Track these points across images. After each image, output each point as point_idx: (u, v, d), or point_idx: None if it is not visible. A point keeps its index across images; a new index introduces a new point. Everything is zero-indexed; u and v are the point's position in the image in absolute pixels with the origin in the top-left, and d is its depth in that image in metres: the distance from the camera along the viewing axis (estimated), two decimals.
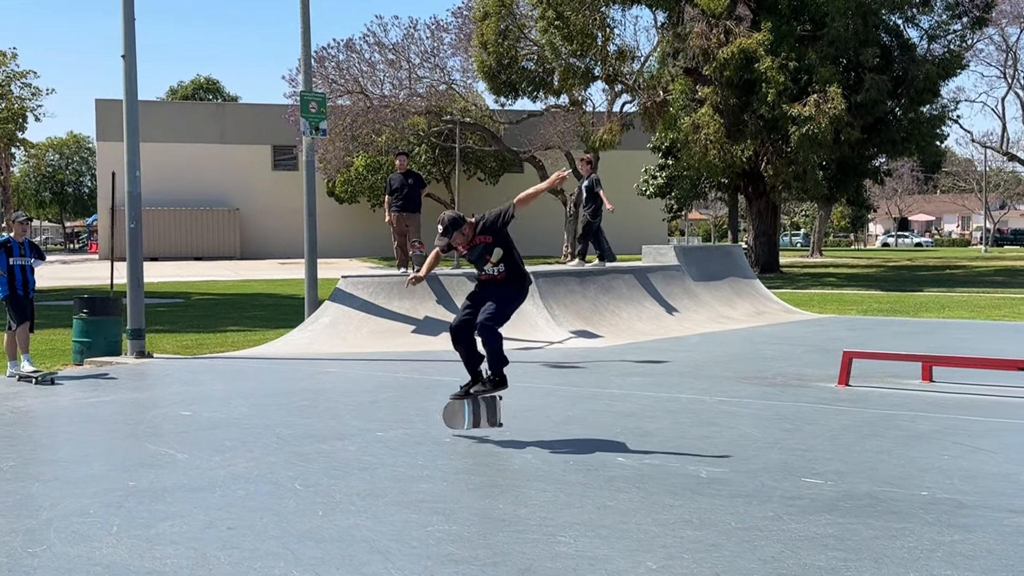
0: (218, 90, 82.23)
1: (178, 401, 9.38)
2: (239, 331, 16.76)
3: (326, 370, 11.71)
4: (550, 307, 14.66)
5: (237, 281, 34.21)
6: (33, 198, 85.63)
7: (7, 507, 5.59)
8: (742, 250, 22.04)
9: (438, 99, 40.55)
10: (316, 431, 7.79)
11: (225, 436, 7.59)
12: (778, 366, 11.41)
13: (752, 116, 31.19)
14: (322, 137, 15.39)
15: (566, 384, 10.34)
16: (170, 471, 6.43)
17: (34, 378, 10.68)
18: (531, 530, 5.11)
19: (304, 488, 5.99)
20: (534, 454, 6.88)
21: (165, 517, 5.36)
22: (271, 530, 5.13)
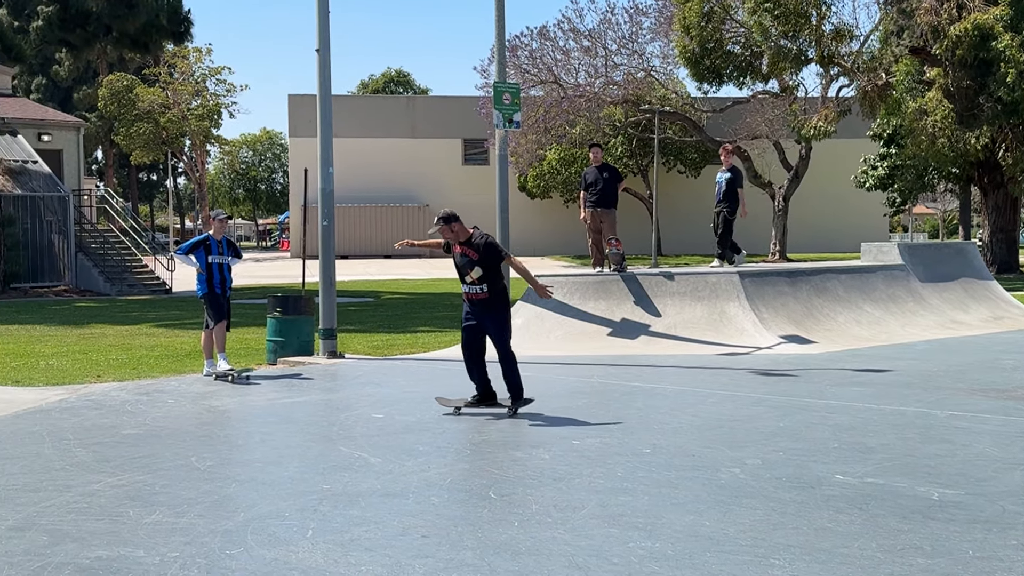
0: (408, 83, 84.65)
1: (370, 403, 9.70)
2: (429, 332, 17.19)
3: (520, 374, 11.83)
4: (757, 309, 14.37)
5: (427, 280, 35.11)
6: (227, 195, 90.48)
7: (206, 507, 5.91)
8: (977, 248, 20.97)
9: (636, 87, 40.42)
10: (509, 438, 7.90)
11: (417, 441, 7.80)
12: (1020, 378, 10.80)
13: (989, 99, 29.63)
14: (515, 130, 15.56)
15: (775, 393, 10.10)
16: (363, 475, 6.66)
17: (230, 376, 11.27)
18: (741, 551, 5.01)
19: (499, 497, 6.08)
20: (742, 468, 6.76)
21: (359, 522, 5.55)
22: (466, 540, 5.24)
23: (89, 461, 7.15)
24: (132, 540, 5.24)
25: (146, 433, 8.28)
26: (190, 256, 11.73)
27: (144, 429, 8.45)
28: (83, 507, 5.88)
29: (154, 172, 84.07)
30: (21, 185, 31.00)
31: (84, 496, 6.14)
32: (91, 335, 17.37)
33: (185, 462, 7.14)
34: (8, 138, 32.42)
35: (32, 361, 13.65)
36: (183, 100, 56.25)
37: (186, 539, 5.27)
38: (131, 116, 55.75)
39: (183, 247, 11.96)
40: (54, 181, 32.01)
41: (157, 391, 10.70)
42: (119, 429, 8.43)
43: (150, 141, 56.41)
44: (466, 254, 8.64)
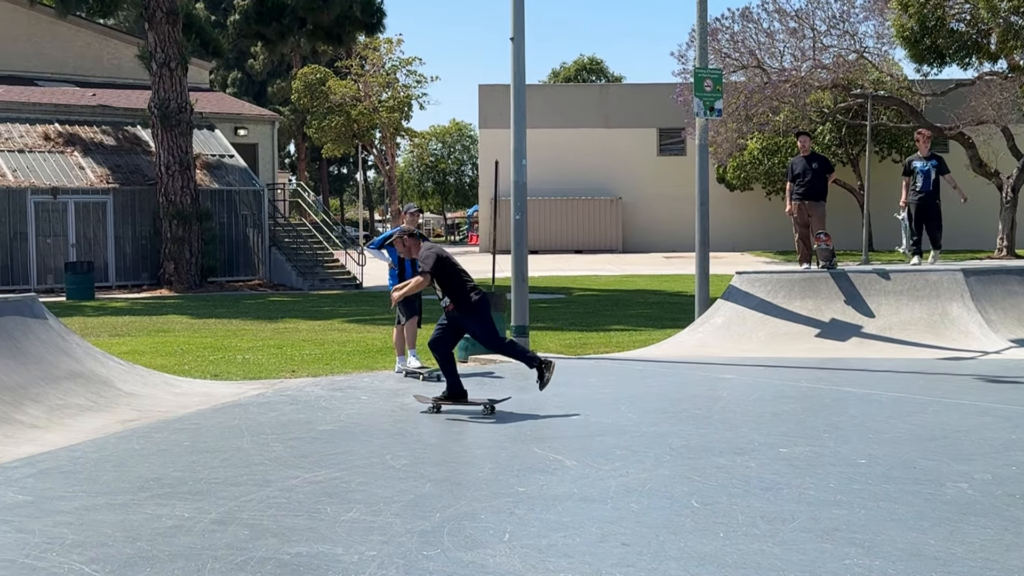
0: (602, 71, 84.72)
1: (564, 404, 9.76)
2: (624, 330, 17.17)
3: (720, 376, 11.71)
4: (984, 311, 13.74)
5: (620, 276, 35.07)
6: (416, 188, 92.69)
7: (402, 506, 6.08)
8: None
9: (846, 70, 39.21)
10: (711, 443, 7.81)
11: (615, 444, 7.80)
12: None
13: None
14: (716, 118, 15.36)
15: (1005, 402, 9.63)
16: (560, 478, 6.71)
17: (421, 374, 11.55)
18: (971, 572, 4.81)
19: (701, 506, 6.02)
20: (969, 483, 6.47)
21: (557, 527, 5.60)
22: (668, 549, 5.21)
23: (287, 456, 7.46)
24: (331, 537, 5.44)
25: (340, 430, 8.57)
26: (382, 251, 12.06)
27: (339, 425, 8.76)
28: (282, 502, 6.14)
29: (344, 165, 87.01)
30: (218, 179, 32.61)
31: (283, 491, 6.41)
32: (285, 329, 18.12)
33: (380, 460, 7.35)
34: (206, 132, 34.15)
35: (229, 355, 14.33)
36: (374, 92, 57.95)
37: (383, 538, 5.43)
38: (323, 109, 57.83)
39: (375, 242, 12.29)
40: (249, 175, 33.53)
41: (350, 387, 11.06)
42: (314, 425, 8.76)
43: (341, 134, 58.37)
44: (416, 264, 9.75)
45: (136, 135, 33.30)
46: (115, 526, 5.62)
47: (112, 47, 38.02)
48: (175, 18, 29.97)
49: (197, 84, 36.41)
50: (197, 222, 30.19)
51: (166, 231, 29.93)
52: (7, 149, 30.41)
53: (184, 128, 30.09)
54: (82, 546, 5.24)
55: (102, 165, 31.16)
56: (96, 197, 30.06)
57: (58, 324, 10.72)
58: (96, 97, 34.32)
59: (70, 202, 29.55)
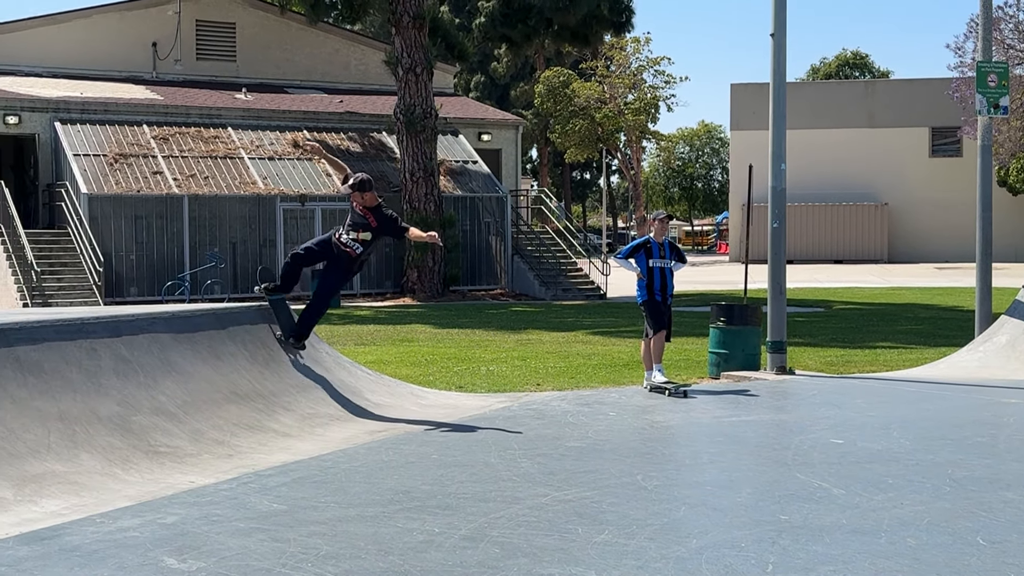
0: (866, 66, 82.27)
1: (827, 427, 9.50)
2: (891, 348, 16.59)
3: (1005, 400, 11.12)
4: None
5: (885, 288, 33.90)
6: (661, 194, 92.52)
7: (656, 530, 6.05)
8: None
9: None
10: (998, 475, 7.43)
11: (886, 472, 7.53)
12: None
13: None
14: (1001, 116, 14.62)
15: None
16: (826, 507, 6.52)
17: (667, 389, 11.49)
18: None
19: (988, 544, 5.73)
20: None
21: (825, 560, 5.44)
22: None
23: (535, 473, 7.56)
24: (583, 559, 5.47)
25: (589, 447, 8.63)
26: (630, 260, 12.07)
27: (587, 442, 8.81)
28: (532, 521, 6.23)
29: (587, 171, 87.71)
30: (461, 186, 33.51)
31: (532, 509, 6.50)
32: (528, 341, 18.41)
33: (631, 479, 7.35)
34: (450, 138, 35.16)
35: (473, 366, 14.68)
36: (619, 94, 58.20)
37: (637, 563, 5.42)
38: (567, 112, 58.52)
39: (623, 251, 12.32)
40: (492, 181, 34.29)
41: (597, 402, 11.12)
42: (562, 441, 8.85)
43: (585, 138, 58.89)
44: (366, 217, 10.13)
45: (381, 141, 34.62)
46: (367, 539, 5.84)
47: (359, 53, 39.68)
48: (421, 22, 30.99)
49: (441, 89, 37.56)
50: (441, 229, 31.09)
51: (409, 239, 30.95)
52: (258, 156, 32.23)
53: (429, 134, 31.06)
54: (336, 558, 5.47)
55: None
56: (342, 204, 31.34)
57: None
58: (343, 104, 35.89)
59: (317, 209, 31.01)
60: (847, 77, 77.35)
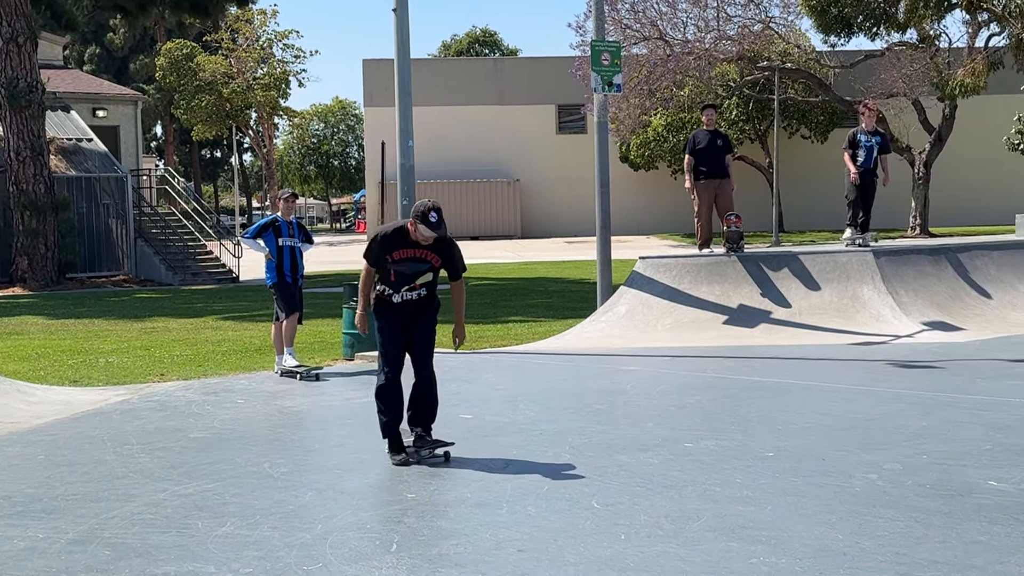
0: (496, 43, 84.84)
1: (457, 402, 9.77)
2: (522, 322, 17.26)
3: (623, 368, 11.85)
4: (895, 293, 14.14)
5: (518, 264, 35.24)
6: (297, 172, 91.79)
7: (281, 518, 6.03)
8: None
9: (752, 42, 39.88)
10: (614, 440, 7.90)
11: (511, 443, 7.84)
12: None
13: None
14: (616, 94, 15.49)
15: (917, 388, 9.93)
16: (452, 483, 6.73)
17: (298, 373, 11.46)
18: (880, 567, 4.96)
19: (602, 507, 6.09)
20: (879, 474, 6.67)
21: (448, 535, 5.62)
22: (567, 555, 5.26)
23: (154, 468, 7.35)
24: (202, 555, 5.37)
25: (214, 437, 8.47)
26: (258, 241, 11.92)
27: (212, 432, 8.65)
28: (148, 518, 6.05)
29: (217, 148, 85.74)
30: (75, 166, 31.88)
31: (149, 506, 6.31)
32: (153, 329, 17.81)
33: (257, 469, 7.29)
34: (60, 114, 33.34)
35: (91, 358, 14.05)
36: (248, 68, 57.18)
37: (260, 553, 5.38)
38: (192, 87, 56.86)
39: (250, 231, 12.17)
40: (110, 160, 32.84)
41: (225, 390, 10.93)
42: (185, 433, 8.64)
43: (213, 114, 57.47)
44: (426, 259, 7.42)
45: None
46: None
47: None
48: None
49: (49, 61, 35.53)
50: (53, 213, 29.48)
51: (17, 223, 29.17)
52: None
53: (35, 110, 29.32)
54: None
55: None
56: None
57: None
58: None
59: None
60: (478, 54, 79.55)
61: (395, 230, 7.49)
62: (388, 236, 7.45)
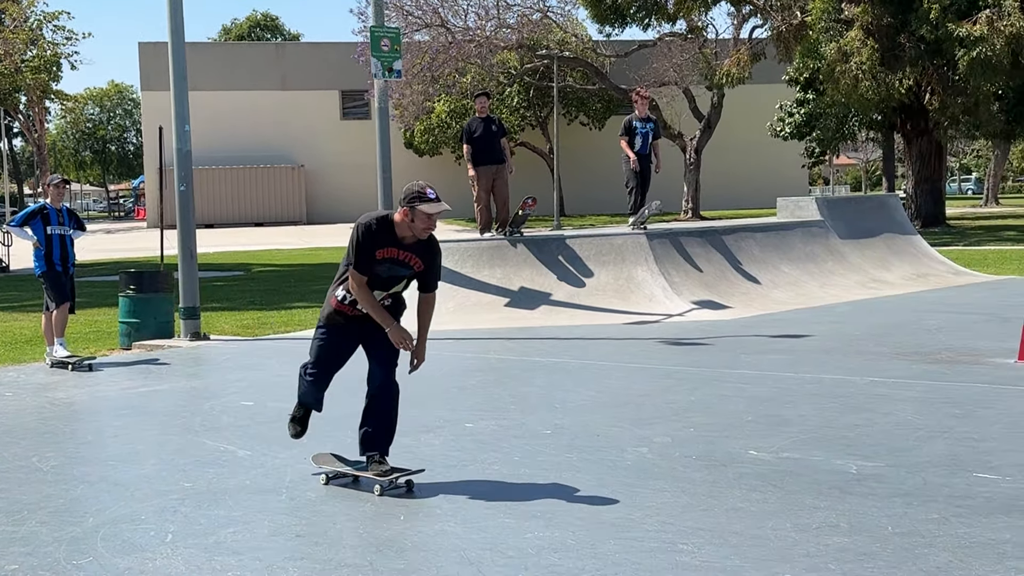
0: (277, 28, 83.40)
1: (239, 390, 9.60)
2: (308, 307, 17.06)
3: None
4: (667, 274, 14.59)
5: (304, 250, 34.80)
6: (72, 158, 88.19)
7: (49, 513, 5.80)
8: (900, 201, 21.57)
9: (531, 30, 40.46)
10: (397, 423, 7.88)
11: None
12: (945, 339, 11.19)
13: (911, 38, 30.39)
14: (397, 80, 15.46)
15: (687, 364, 10.29)
16: (231, 471, 6.60)
17: (70, 364, 11.04)
18: (647, 537, 5.11)
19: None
20: (649, 447, 6.88)
21: (226, 523, 5.51)
22: (346, 538, 5.24)
23: None
24: None
25: None
26: (25, 228, 11.44)
27: None
28: None
29: None
30: None
31: None
32: None
33: (25, 463, 6.99)
34: None
35: None
36: (15, 50, 54.47)
37: (26, 549, 5.17)
38: None
39: (16, 219, 11.68)
40: None
41: None
42: None
43: None
44: (409, 263, 6.10)
45: None
46: None
47: None
48: None
49: None
50: None
51: None
52: None
53: None
54: None
55: None
56: None
57: None
58: None
59: None
60: (259, 39, 78.02)
61: (380, 221, 6.01)
62: (374, 229, 5.97)
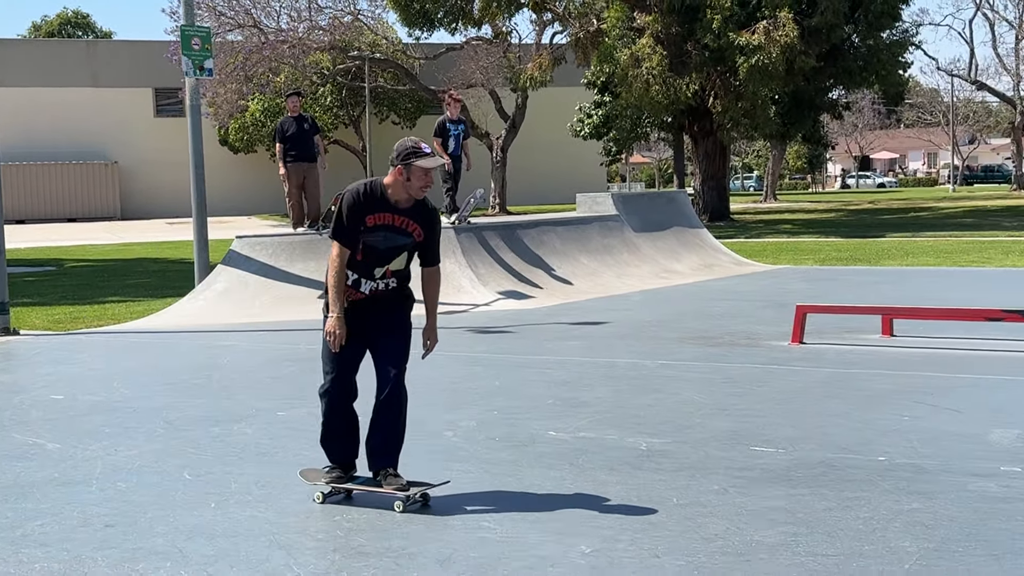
0: (89, 25, 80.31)
1: (49, 384, 9.22)
2: (120, 302, 16.51)
3: (220, 343, 11.59)
4: (474, 265, 14.67)
5: (117, 245, 33.65)
6: None
7: None
8: (688, 196, 22.25)
9: (343, 32, 40.09)
10: (209, 413, 7.72)
11: (104, 422, 7.48)
12: (727, 324, 11.58)
13: (696, 46, 31.35)
14: (209, 78, 15.10)
15: (493, 351, 10.38)
16: (39, 464, 6.34)
17: None
18: (451, 516, 5.13)
19: (194, 478, 5.94)
20: (455, 431, 6.91)
21: (33, 516, 5.29)
22: (156, 526, 5.09)
23: None
24: None
25: None
26: None
27: None
28: None
29: None
30: None
31: None
32: None
33: None
34: None
35: None
36: None
37: None
38: None
39: None
40: None
41: None
42: None
43: None
44: (407, 229, 5.33)
45: None
46: None
47: None
48: None
49: None
50: None
51: None
52: None
53: None
54: None
55: None
56: None
57: None
58: None
59: None
60: (70, 36, 74.95)
61: (368, 185, 5.31)
62: (362, 194, 5.24)
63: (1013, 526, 4.74)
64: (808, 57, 30.71)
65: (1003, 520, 4.82)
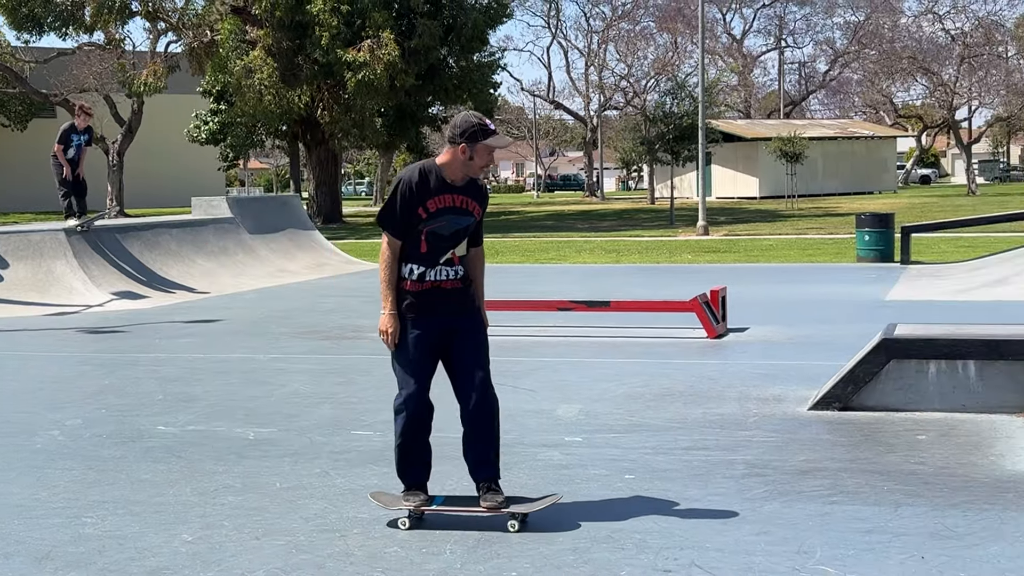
0: None
1: None
2: None
3: None
4: (87, 267, 13.84)
5: None
6: None
7: None
8: (300, 200, 22.10)
9: None
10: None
11: None
12: (336, 319, 11.61)
13: (307, 60, 31.19)
14: None
15: (104, 351, 9.83)
16: None
17: None
18: (52, 514, 4.80)
19: None
20: (61, 430, 6.47)
21: None
22: None
23: None
24: None
25: None
26: None
27: None
28: None
29: None
30: None
31: None
32: None
33: None
34: None
35: None
36: None
37: None
38: None
39: None
40: None
41: None
42: None
43: None
44: (469, 209, 4.55)
45: None
46: None
47: None
48: None
49: None
50: None
51: None
52: None
53: None
54: None
55: None
56: None
57: None
58: None
59: None
60: None
61: (423, 169, 4.49)
62: (418, 180, 4.44)
63: (573, 488, 5.06)
64: (408, 75, 31.37)
65: (565, 484, 5.13)
